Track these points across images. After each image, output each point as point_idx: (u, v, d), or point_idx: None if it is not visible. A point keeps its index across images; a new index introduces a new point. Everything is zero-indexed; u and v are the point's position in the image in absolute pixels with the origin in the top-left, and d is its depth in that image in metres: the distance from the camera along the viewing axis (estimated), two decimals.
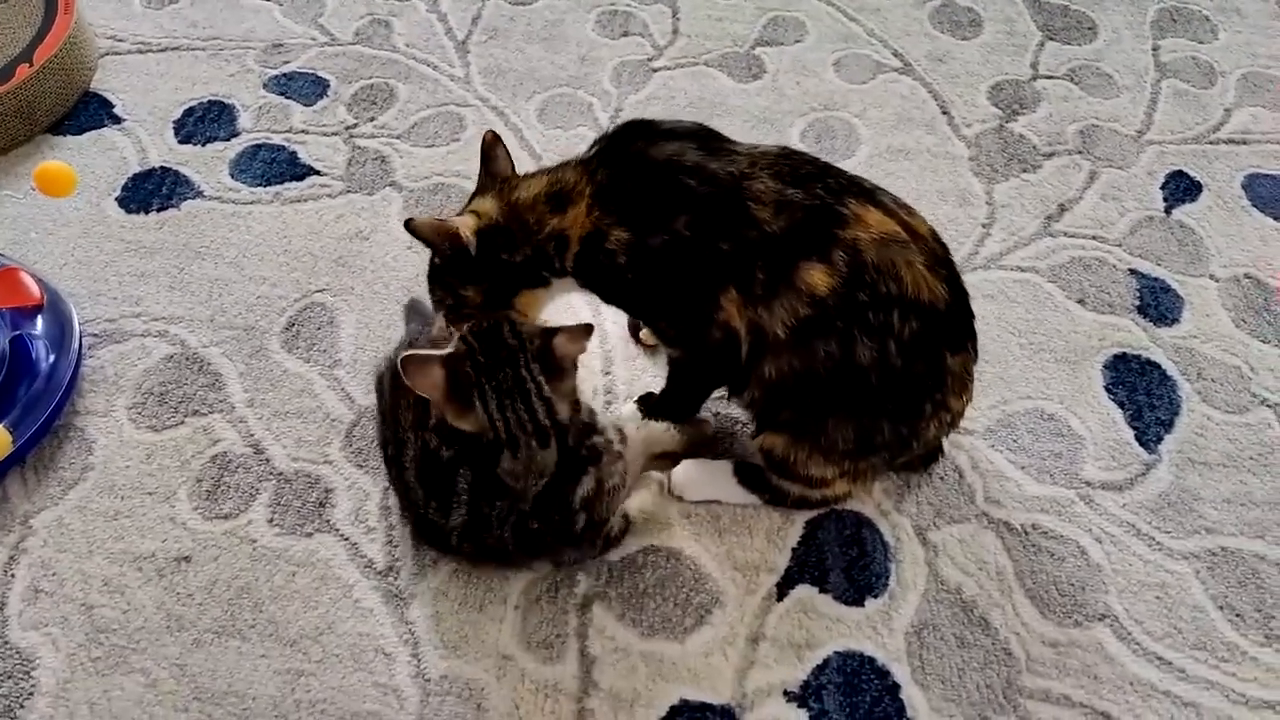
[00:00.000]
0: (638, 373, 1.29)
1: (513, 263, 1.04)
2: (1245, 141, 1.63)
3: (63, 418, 1.22)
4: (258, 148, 1.59)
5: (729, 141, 1.03)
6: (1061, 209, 1.51)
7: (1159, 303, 1.38)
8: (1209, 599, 1.08)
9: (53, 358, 1.23)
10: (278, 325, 1.34)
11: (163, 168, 1.56)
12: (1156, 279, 1.41)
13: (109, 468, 1.19)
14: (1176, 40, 1.83)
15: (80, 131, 1.62)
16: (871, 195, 0.99)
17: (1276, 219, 1.50)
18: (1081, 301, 1.38)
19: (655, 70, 1.75)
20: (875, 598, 1.08)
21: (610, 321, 1.34)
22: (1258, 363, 1.31)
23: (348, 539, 1.12)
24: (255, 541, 1.12)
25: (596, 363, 1.30)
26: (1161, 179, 1.56)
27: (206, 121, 1.64)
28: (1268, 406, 1.26)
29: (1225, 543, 1.13)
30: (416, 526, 1.08)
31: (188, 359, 1.30)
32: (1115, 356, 1.31)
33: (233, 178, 1.55)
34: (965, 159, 1.59)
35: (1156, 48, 1.81)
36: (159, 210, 1.50)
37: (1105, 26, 1.86)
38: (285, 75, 1.73)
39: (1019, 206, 1.51)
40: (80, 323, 1.30)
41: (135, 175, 1.55)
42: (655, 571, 1.09)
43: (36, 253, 1.43)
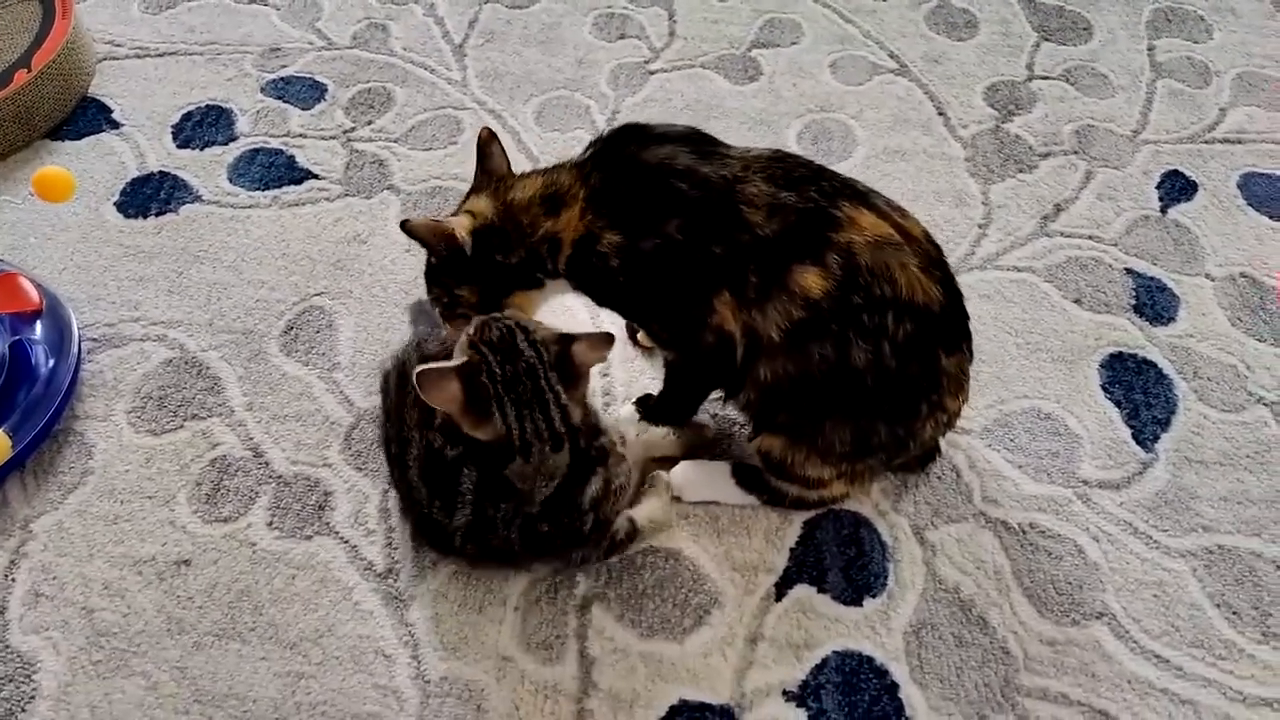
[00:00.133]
0: (636, 374, 1.30)
1: (507, 264, 1.05)
2: (1240, 141, 1.63)
3: (62, 422, 1.22)
4: (256, 152, 1.60)
5: (722, 145, 1.04)
6: (1057, 209, 1.51)
7: (1155, 302, 1.38)
8: (1206, 597, 1.08)
9: (52, 362, 1.24)
10: (276, 329, 1.35)
11: (161, 172, 1.56)
12: (1152, 278, 1.41)
13: (109, 472, 1.19)
14: (1171, 40, 1.84)
15: (79, 136, 1.62)
16: (865, 198, 0.99)
17: (1272, 218, 1.50)
18: (1078, 301, 1.38)
19: (652, 73, 1.76)
20: (873, 597, 1.08)
21: (608, 323, 1.34)
22: (1254, 361, 1.31)
23: (347, 542, 1.13)
24: (255, 545, 1.12)
25: None
26: (1157, 178, 1.56)
27: (204, 126, 1.64)
28: (1264, 405, 1.26)
29: (1222, 541, 1.13)
30: (418, 526, 1.08)
31: (187, 363, 1.30)
32: (1112, 355, 1.32)
33: (231, 182, 1.55)
34: (961, 160, 1.59)
35: (1152, 48, 1.82)
36: (157, 215, 1.50)
37: (1100, 27, 1.86)
38: (283, 79, 1.73)
39: (1015, 207, 1.52)
40: (79, 327, 1.30)
41: (134, 180, 1.55)
42: (654, 572, 1.10)
43: (35, 258, 1.43)
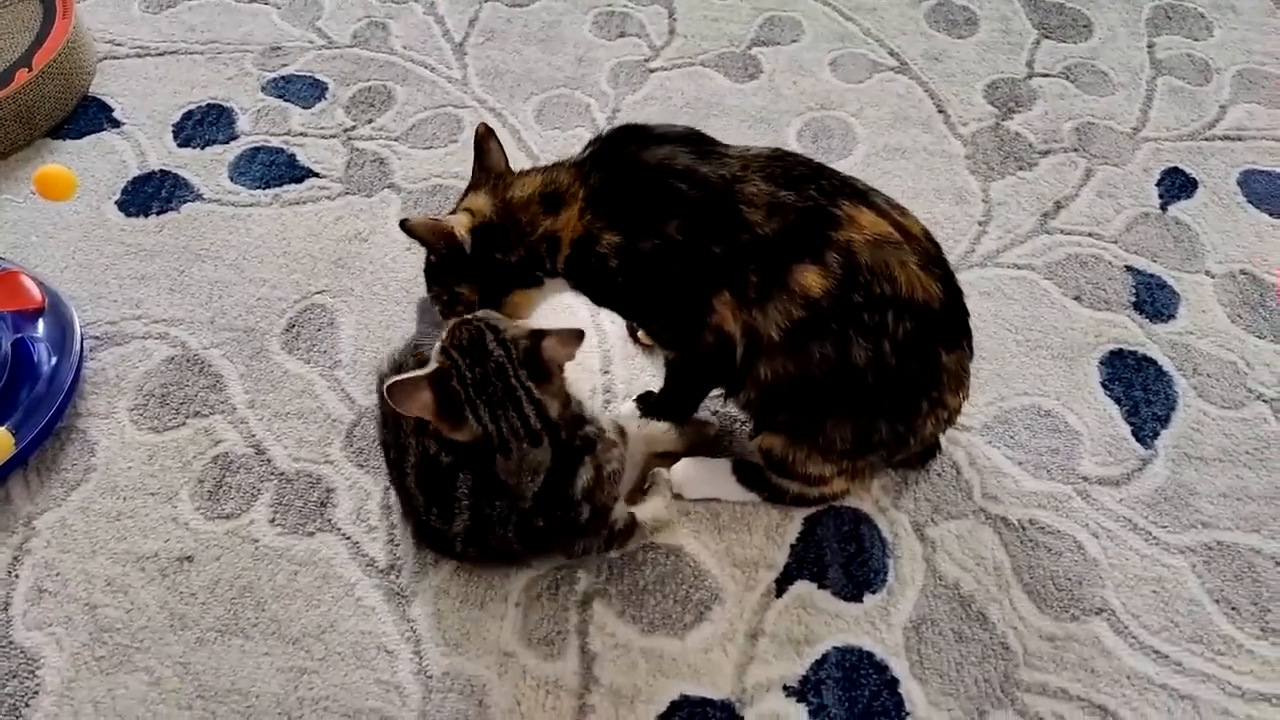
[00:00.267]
0: (636, 372, 1.30)
1: (507, 262, 1.05)
2: (1240, 138, 1.63)
3: (65, 420, 1.23)
4: (256, 150, 1.60)
5: (721, 145, 1.04)
6: (1058, 206, 1.52)
7: (1155, 299, 1.38)
8: (1205, 593, 1.09)
9: (54, 360, 1.24)
10: (278, 327, 1.35)
11: (162, 171, 1.56)
12: (1152, 275, 1.42)
13: (111, 469, 1.19)
14: (1171, 37, 1.84)
15: (80, 135, 1.62)
16: (864, 196, 0.99)
17: (1272, 215, 1.50)
18: (1078, 298, 1.38)
19: (652, 71, 1.76)
20: (874, 593, 1.09)
21: (608, 321, 1.34)
22: (1253, 358, 1.31)
23: (349, 538, 1.13)
24: (257, 541, 1.13)
25: (595, 362, 1.30)
26: (1157, 176, 1.56)
27: (205, 125, 1.64)
28: (1263, 401, 1.26)
29: (1221, 537, 1.13)
30: (419, 532, 1.09)
31: (188, 361, 1.31)
32: (1112, 352, 1.32)
33: (232, 180, 1.55)
34: (962, 157, 1.59)
35: (1152, 45, 1.82)
36: (159, 213, 1.50)
37: (1100, 24, 1.87)
38: (283, 78, 1.73)
39: (1015, 204, 1.52)
40: (81, 325, 1.30)
41: (135, 178, 1.55)
42: (655, 568, 1.10)
43: (37, 256, 1.43)
